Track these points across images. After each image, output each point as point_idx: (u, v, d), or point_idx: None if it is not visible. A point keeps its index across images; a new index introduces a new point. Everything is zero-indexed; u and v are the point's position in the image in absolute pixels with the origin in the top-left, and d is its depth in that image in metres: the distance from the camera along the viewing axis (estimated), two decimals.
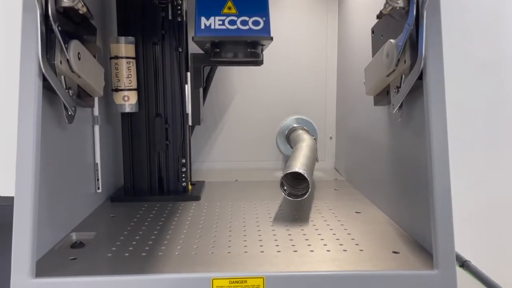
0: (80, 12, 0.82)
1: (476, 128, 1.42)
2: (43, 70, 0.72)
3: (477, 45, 1.40)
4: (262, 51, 1.07)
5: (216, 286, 0.69)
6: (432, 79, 0.72)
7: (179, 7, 1.08)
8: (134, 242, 0.83)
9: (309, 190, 0.95)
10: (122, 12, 1.08)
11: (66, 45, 0.78)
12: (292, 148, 1.38)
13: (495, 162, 1.44)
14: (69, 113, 0.84)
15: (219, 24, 1.00)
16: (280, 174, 0.98)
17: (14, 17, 1.25)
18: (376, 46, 0.95)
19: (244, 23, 1.00)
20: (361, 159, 1.20)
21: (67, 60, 0.78)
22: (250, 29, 1.00)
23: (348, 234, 0.88)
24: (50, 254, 0.77)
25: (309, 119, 1.52)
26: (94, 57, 0.93)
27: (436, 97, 0.72)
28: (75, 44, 0.80)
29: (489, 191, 1.45)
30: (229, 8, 1.00)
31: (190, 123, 1.13)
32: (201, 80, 1.13)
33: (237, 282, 0.69)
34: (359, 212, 1.02)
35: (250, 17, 1.00)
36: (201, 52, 1.13)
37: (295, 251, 0.79)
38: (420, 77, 0.74)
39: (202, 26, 1.00)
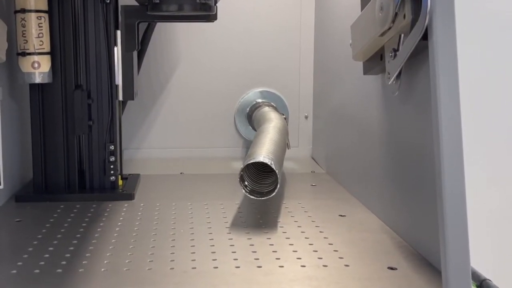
0: None
1: (500, 103, 1.43)
2: None
3: None
4: (215, 2, 1.07)
5: None
6: (440, 40, 0.72)
7: None
8: (47, 255, 0.82)
9: (278, 186, 0.95)
10: None
11: None
12: (255, 130, 1.38)
13: None
14: None
15: None
16: (239, 165, 0.98)
17: None
18: None
19: None
20: (347, 145, 1.21)
21: None
22: None
23: (330, 244, 0.88)
24: None
25: (278, 92, 1.52)
26: None
27: (445, 63, 0.71)
28: None
29: None
30: None
31: (120, 97, 1.13)
32: (136, 41, 1.13)
33: None
34: (343, 215, 1.02)
35: None
36: (136, 4, 1.13)
37: (259, 266, 0.79)
38: (425, 37, 0.74)
39: None
